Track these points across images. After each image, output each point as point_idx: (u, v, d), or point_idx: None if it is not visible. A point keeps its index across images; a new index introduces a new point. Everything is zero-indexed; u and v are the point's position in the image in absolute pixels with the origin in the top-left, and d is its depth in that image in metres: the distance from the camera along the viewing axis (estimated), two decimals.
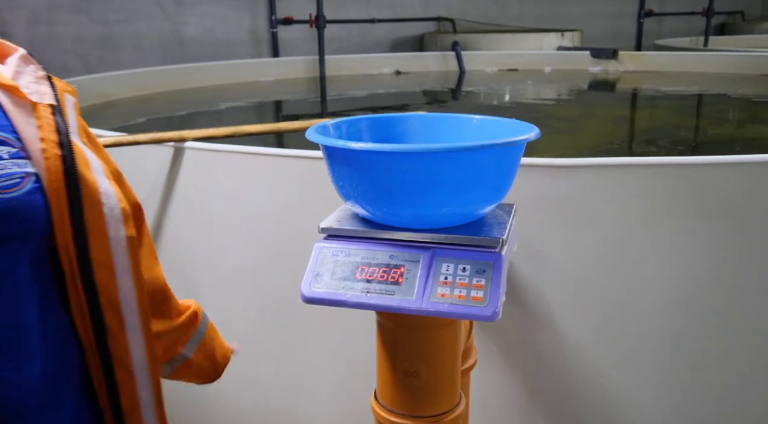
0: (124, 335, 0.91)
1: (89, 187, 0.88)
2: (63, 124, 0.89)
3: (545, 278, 1.64)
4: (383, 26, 7.45)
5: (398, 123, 1.20)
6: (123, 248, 0.90)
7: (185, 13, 6.27)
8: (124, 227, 0.91)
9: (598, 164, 1.56)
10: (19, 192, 0.83)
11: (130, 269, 0.91)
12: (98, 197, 0.88)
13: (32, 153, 0.85)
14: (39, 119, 0.87)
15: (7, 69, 0.90)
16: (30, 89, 0.89)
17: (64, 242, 0.86)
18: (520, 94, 5.86)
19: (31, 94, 0.88)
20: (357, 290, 1.00)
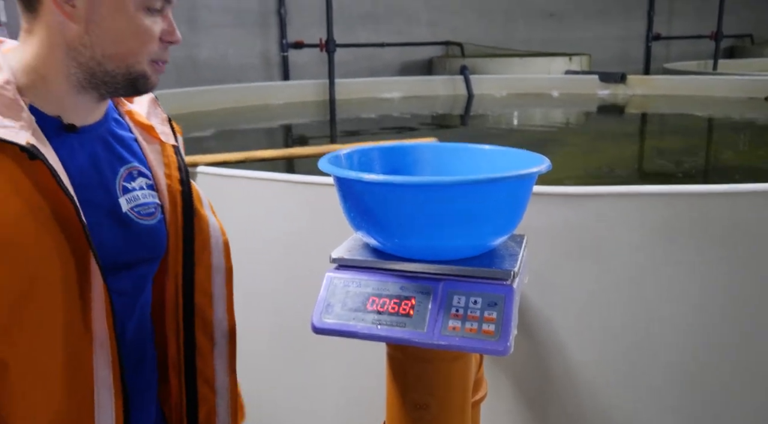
0: (212, 355, 1.02)
1: (201, 222, 1.00)
2: (183, 164, 1.00)
3: (556, 307, 1.62)
4: (392, 50, 7.51)
5: (409, 153, 1.21)
6: (222, 278, 1.02)
7: (199, 37, 6.35)
8: (224, 258, 1.03)
9: (609, 193, 1.56)
10: (154, 221, 0.95)
11: (225, 296, 1.03)
12: (207, 230, 1.00)
13: (159, 187, 0.97)
14: (166, 157, 0.99)
15: (141, 109, 1.00)
16: (159, 130, 1.00)
17: (174, 269, 0.98)
18: (529, 118, 5.88)
19: (161, 135, 0.99)
20: (368, 322, 1.00)
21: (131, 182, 0.94)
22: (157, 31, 0.86)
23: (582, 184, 3.05)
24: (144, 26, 0.85)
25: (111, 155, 0.93)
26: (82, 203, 0.83)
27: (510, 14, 8.48)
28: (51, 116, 0.86)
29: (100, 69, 0.85)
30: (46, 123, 0.84)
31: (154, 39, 0.86)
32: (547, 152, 1.07)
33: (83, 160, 0.88)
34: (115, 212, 0.91)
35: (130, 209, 0.93)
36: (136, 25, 0.84)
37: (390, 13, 7.51)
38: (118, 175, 0.93)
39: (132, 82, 0.88)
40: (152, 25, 0.86)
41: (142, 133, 0.99)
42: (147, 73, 0.88)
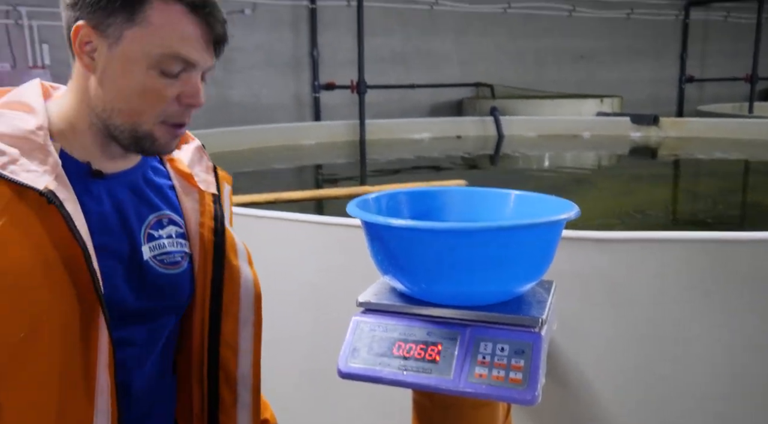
0: (235, 409, 0.99)
1: (232, 273, 0.98)
2: (220, 213, 0.99)
3: (586, 355, 1.59)
4: (423, 91, 7.60)
5: (437, 197, 1.21)
6: (249, 331, 1.00)
7: (232, 79, 6.52)
8: (254, 312, 1.00)
9: (641, 238, 1.54)
10: (179, 270, 0.95)
11: (252, 350, 1.01)
12: (238, 282, 0.98)
13: (191, 235, 0.97)
14: (203, 206, 0.98)
15: (184, 156, 1.01)
16: (200, 178, 1.01)
17: (200, 319, 0.96)
18: (560, 159, 5.86)
19: (200, 183, 1.00)
20: (394, 367, 0.99)
21: (159, 230, 0.94)
22: (169, 93, 0.84)
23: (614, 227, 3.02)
24: (154, 87, 0.83)
25: (140, 202, 0.93)
26: (100, 250, 0.83)
27: (541, 56, 8.55)
28: (81, 162, 0.87)
29: (110, 122, 0.85)
30: (75, 168, 0.85)
31: (164, 100, 0.85)
32: (578, 194, 1.07)
33: (107, 207, 0.89)
34: (135, 260, 0.90)
35: (153, 257, 0.92)
36: (145, 84, 0.83)
37: (421, 54, 7.63)
38: (146, 223, 0.93)
39: (137, 140, 0.87)
40: (164, 86, 0.84)
41: (180, 181, 0.99)
42: (154, 135, 0.86)
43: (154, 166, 0.98)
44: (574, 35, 8.68)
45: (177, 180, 0.99)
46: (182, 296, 0.96)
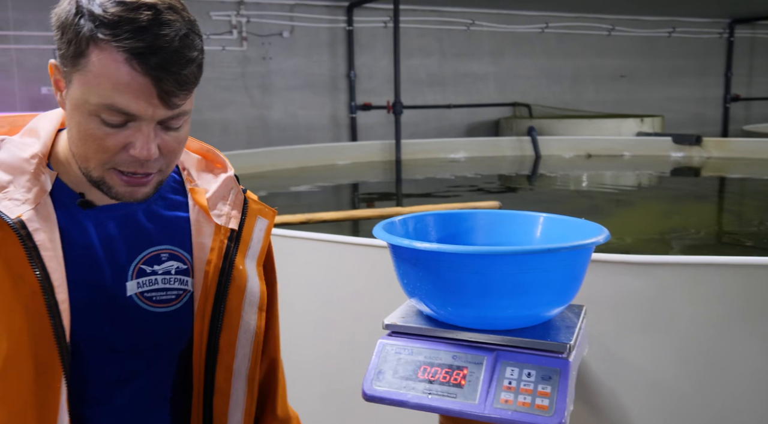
0: None
1: (231, 319, 0.93)
2: (233, 251, 0.93)
3: (621, 380, 1.55)
4: (459, 111, 7.61)
5: (465, 220, 1.21)
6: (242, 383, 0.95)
7: (271, 100, 6.63)
8: (249, 364, 0.95)
9: (677, 262, 1.50)
10: (171, 308, 0.90)
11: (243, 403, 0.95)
12: (236, 329, 0.93)
13: (196, 273, 0.92)
14: (215, 241, 0.93)
15: (212, 186, 0.96)
16: (221, 211, 0.95)
17: (198, 362, 0.92)
18: (598, 179, 5.78)
19: (218, 217, 0.94)
20: (419, 391, 0.99)
21: (155, 265, 0.90)
22: (111, 143, 0.79)
23: (654, 249, 2.95)
24: (95, 135, 0.79)
25: (134, 235, 0.90)
26: (75, 282, 0.82)
27: (579, 75, 8.48)
28: (75, 192, 0.87)
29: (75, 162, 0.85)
30: (67, 198, 0.86)
31: (107, 150, 0.80)
32: (617, 216, 1.05)
33: (94, 239, 0.86)
34: (116, 296, 0.87)
35: (139, 294, 0.88)
36: (87, 131, 0.79)
37: (457, 74, 7.65)
38: (139, 258, 0.89)
39: (94, 184, 0.84)
40: (106, 135, 0.79)
41: (198, 214, 0.94)
42: (107, 182, 0.83)
43: (171, 198, 0.95)
44: (613, 54, 8.59)
45: (194, 213, 0.94)
46: (170, 336, 0.91)
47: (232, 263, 0.93)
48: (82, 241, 0.86)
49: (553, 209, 4.14)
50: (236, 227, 0.95)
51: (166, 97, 0.78)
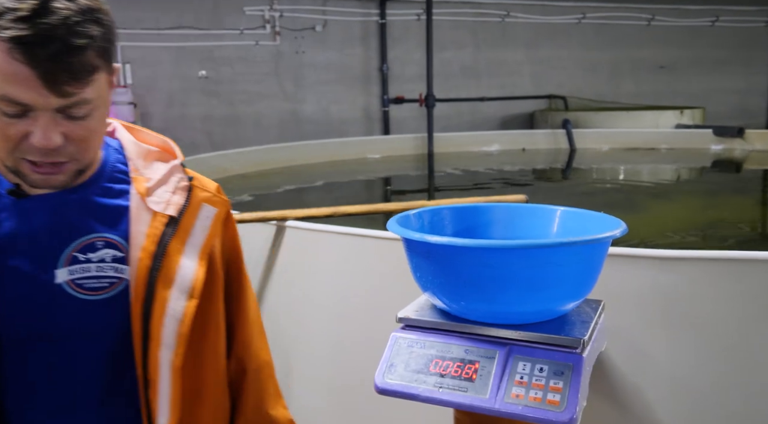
0: None
1: (159, 304, 0.91)
2: (169, 236, 0.93)
3: (646, 377, 1.53)
4: (493, 104, 7.54)
5: (482, 213, 1.20)
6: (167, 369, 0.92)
7: (303, 94, 6.67)
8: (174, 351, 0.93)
9: (703, 257, 1.47)
10: (104, 296, 0.90)
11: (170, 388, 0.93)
12: (162, 316, 0.91)
13: (131, 260, 0.92)
14: (151, 228, 0.93)
15: (156, 175, 0.97)
16: (160, 198, 0.95)
17: (137, 345, 0.91)
18: (635, 173, 5.67)
19: (156, 204, 0.94)
20: (430, 384, 0.98)
21: (89, 253, 0.91)
22: (12, 132, 0.81)
23: (690, 243, 2.89)
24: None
25: (68, 224, 0.91)
26: (3, 270, 0.85)
27: (617, 67, 8.31)
28: (10, 183, 0.89)
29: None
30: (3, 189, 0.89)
31: (9, 140, 0.81)
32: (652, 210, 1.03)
33: (23, 228, 0.88)
34: (45, 283, 0.88)
35: (70, 281, 0.89)
36: None
37: (492, 67, 7.58)
38: (71, 245, 0.90)
39: (13, 173, 0.86)
40: (6, 126, 0.80)
41: (138, 202, 0.94)
42: (21, 171, 0.85)
43: (112, 187, 0.96)
44: (653, 45, 8.40)
45: (134, 201, 0.95)
46: (103, 323, 0.91)
47: (165, 249, 0.92)
48: (12, 229, 0.87)
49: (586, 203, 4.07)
50: (175, 214, 0.95)
51: (54, 86, 0.78)
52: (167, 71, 6.09)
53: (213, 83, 6.28)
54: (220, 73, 6.29)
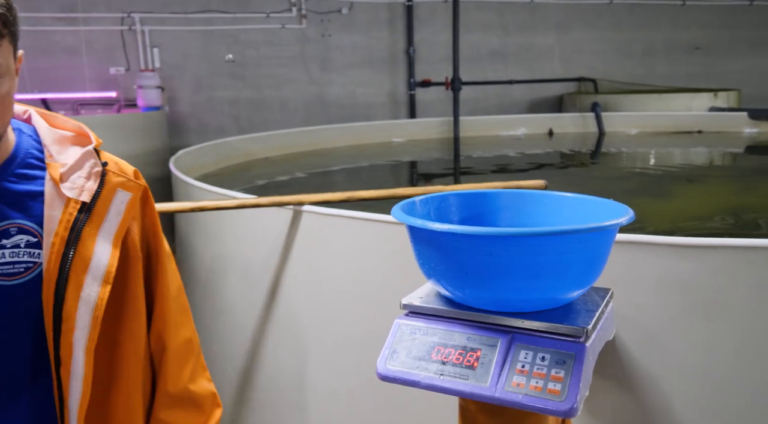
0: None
1: (72, 289, 0.94)
2: (82, 222, 0.95)
3: (664, 367, 1.50)
4: (521, 87, 7.44)
5: (490, 200, 1.19)
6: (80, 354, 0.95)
7: (329, 77, 6.66)
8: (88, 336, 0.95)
9: (725, 245, 1.43)
10: (20, 280, 0.93)
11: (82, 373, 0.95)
12: (76, 301, 0.94)
13: (44, 246, 0.94)
14: (65, 214, 0.95)
15: (69, 160, 0.99)
16: (74, 184, 0.97)
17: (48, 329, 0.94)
18: (664, 157, 5.56)
19: (70, 190, 0.96)
20: (431, 371, 0.98)
21: (3, 239, 0.93)
22: None
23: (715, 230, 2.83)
24: None
25: None
26: None
27: (650, 48, 8.12)
28: None
29: None
30: None
31: None
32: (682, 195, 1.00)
33: None
34: None
35: None
36: None
37: (520, 49, 7.47)
38: None
39: None
40: None
41: (51, 188, 0.96)
42: None
43: (27, 173, 0.98)
44: (687, 26, 8.17)
45: (49, 186, 0.97)
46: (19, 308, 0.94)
47: (79, 235, 0.94)
48: None
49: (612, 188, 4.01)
50: (88, 200, 0.96)
51: None
52: (194, 55, 6.13)
53: (239, 67, 6.31)
54: (246, 56, 6.31)
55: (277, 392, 2.22)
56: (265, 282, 2.15)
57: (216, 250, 2.52)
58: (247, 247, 2.28)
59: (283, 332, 2.14)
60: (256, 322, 2.24)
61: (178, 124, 6.05)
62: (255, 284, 2.20)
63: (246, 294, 2.29)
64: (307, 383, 2.08)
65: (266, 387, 2.27)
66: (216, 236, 2.50)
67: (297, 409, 2.13)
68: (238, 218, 2.26)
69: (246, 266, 2.30)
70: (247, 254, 2.28)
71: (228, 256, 2.44)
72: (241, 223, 2.29)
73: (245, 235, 2.30)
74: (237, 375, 2.36)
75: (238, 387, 2.36)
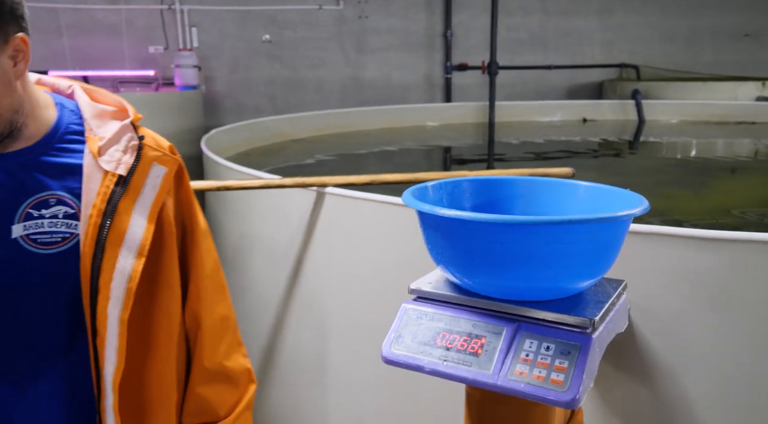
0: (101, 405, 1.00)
1: (108, 261, 0.96)
2: (119, 195, 0.98)
3: (682, 360, 1.48)
4: (561, 73, 7.30)
5: (504, 187, 1.18)
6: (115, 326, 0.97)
7: (365, 60, 6.64)
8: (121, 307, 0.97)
9: (748, 239, 1.39)
10: (56, 250, 0.96)
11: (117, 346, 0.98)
12: (111, 272, 0.97)
13: (82, 218, 0.97)
14: (102, 187, 0.98)
15: (108, 133, 1.02)
16: (112, 157, 1.00)
17: (85, 300, 0.97)
18: (705, 147, 5.41)
19: (108, 163, 0.99)
20: (435, 357, 0.98)
21: (43, 210, 0.96)
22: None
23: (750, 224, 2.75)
24: None
25: (23, 182, 0.97)
26: None
27: (696, 35, 7.87)
28: None
29: None
30: None
31: None
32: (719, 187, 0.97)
33: None
34: (2, 239, 0.94)
35: (24, 236, 0.95)
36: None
37: (560, 34, 7.32)
38: (27, 202, 0.96)
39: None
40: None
41: (90, 161, 0.99)
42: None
43: (67, 147, 1.01)
44: (736, 11, 7.90)
45: (87, 159, 0.99)
46: (55, 277, 0.96)
47: (115, 207, 0.96)
48: None
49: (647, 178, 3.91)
50: (125, 173, 0.99)
51: None
52: (232, 35, 6.17)
53: (276, 47, 6.33)
54: (283, 37, 6.33)
55: (297, 372, 2.25)
56: (289, 262, 2.18)
57: (243, 229, 2.56)
58: (272, 227, 2.31)
59: (305, 313, 2.17)
60: (280, 301, 2.27)
61: (214, 103, 6.12)
62: (279, 263, 2.22)
63: (270, 274, 2.32)
64: (327, 363, 2.10)
65: (288, 366, 2.30)
66: (243, 215, 2.54)
67: (317, 388, 2.16)
68: (264, 197, 2.29)
69: (271, 245, 2.32)
70: (272, 234, 2.31)
71: (254, 235, 2.47)
72: (266, 203, 2.31)
73: (270, 215, 2.32)
74: (260, 352, 2.39)
75: (260, 364, 2.40)
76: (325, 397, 2.13)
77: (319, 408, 2.17)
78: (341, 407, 2.10)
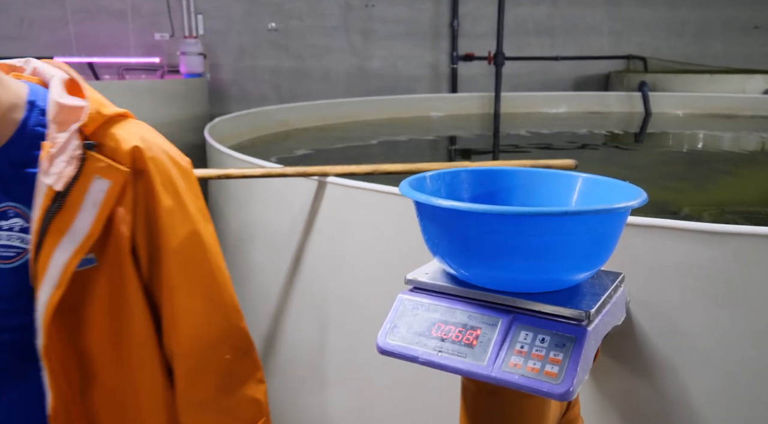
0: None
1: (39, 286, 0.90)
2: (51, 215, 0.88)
3: (683, 355, 1.47)
4: (568, 64, 7.26)
5: (504, 177, 1.17)
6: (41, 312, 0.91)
7: (371, 49, 6.62)
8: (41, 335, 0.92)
9: (752, 233, 1.38)
10: (11, 265, 0.91)
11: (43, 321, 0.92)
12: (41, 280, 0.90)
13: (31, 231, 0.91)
14: (43, 203, 0.88)
15: (62, 138, 0.89)
16: (56, 168, 0.88)
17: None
18: (711, 141, 5.38)
19: (49, 176, 0.88)
20: (429, 348, 0.98)
21: (2, 221, 0.90)
22: None
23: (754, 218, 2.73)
24: None
25: None
26: None
27: (706, 27, 7.81)
28: None
29: None
30: None
31: None
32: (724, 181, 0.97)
33: None
34: None
35: None
36: None
37: (568, 24, 7.27)
38: None
39: None
40: None
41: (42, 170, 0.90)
42: None
43: (28, 154, 0.92)
44: (746, 3, 7.82)
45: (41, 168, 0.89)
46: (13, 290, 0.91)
47: (47, 229, 0.88)
48: None
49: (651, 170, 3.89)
50: (61, 188, 0.87)
51: None
52: (238, 23, 6.16)
53: (282, 36, 6.31)
54: (289, 26, 6.31)
55: (298, 361, 2.26)
56: (289, 252, 2.18)
57: (244, 217, 2.56)
58: (274, 216, 2.31)
59: (305, 302, 2.17)
60: (280, 291, 2.27)
61: (219, 91, 6.11)
62: (281, 252, 2.22)
63: (272, 262, 2.32)
64: (327, 353, 2.11)
65: (288, 356, 2.31)
66: (244, 203, 2.54)
67: (317, 378, 2.17)
68: (266, 186, 2.28)
69: (272, 234, 2.33)
70: (273, 223, 2.31)
71: (255, 224, 2.47)
72: (268, 192, 2.31)
73: (272, 204, 2.32)
74: (260, 342, 2.40)
75: (261, 352, 2.41)
76: (325, 385, 2.14)
77: (318, 396, 2.18)
78: (340, 395, 2.11)
